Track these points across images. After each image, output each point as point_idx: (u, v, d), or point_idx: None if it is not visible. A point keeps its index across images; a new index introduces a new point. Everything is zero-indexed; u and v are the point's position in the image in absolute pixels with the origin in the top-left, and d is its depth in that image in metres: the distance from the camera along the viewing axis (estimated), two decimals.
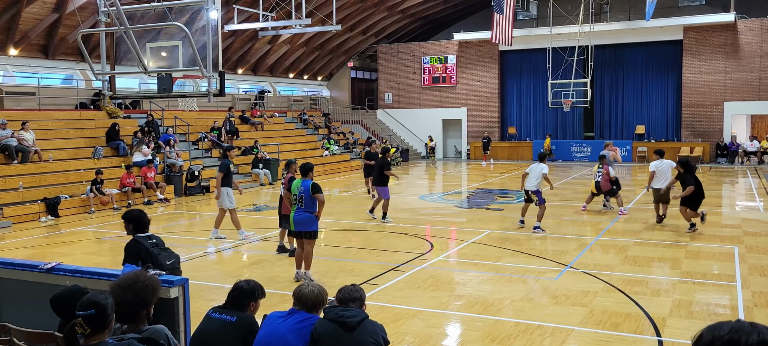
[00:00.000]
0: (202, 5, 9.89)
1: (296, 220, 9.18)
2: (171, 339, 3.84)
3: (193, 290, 5.71)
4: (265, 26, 24.84)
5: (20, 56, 21.91)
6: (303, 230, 9.21)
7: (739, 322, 1.80)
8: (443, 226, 14.42)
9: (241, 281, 4.68)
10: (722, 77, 30.69)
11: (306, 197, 9.12)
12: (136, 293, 3.71)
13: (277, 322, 4.43)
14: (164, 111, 23.88)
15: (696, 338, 1.85)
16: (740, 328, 1.77)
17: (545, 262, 10.56)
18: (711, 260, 10.59)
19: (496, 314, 7.82)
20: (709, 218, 14.30)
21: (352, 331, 4.18)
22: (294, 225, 9.23)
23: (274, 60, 33.11)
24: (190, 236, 13.98)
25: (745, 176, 25.02)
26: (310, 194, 9.11)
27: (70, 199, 16.92)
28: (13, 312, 5.10)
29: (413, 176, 27.51)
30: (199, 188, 20.76)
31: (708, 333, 1.81)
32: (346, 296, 4.47)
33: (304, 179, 9.27)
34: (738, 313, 7.90)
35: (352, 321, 4.22)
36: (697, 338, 1.84)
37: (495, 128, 35.51)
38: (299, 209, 9.14)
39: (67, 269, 5.03)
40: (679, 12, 32.67)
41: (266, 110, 31.28)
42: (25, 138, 17.84)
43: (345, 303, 4.43)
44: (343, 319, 4.23)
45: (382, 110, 38.02)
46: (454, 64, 36.05)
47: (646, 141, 32.36)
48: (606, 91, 33.78)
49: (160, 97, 11.68)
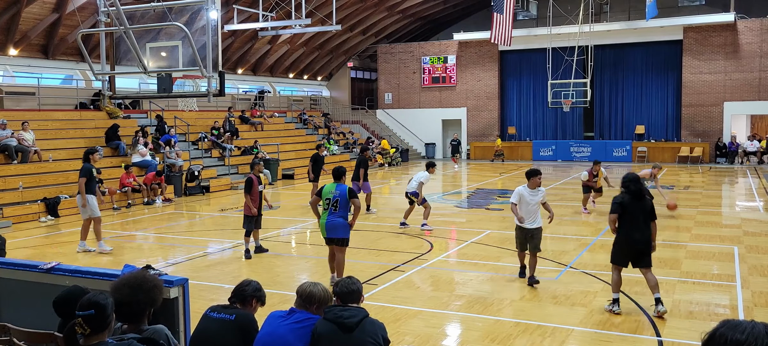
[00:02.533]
0: (202, 5, 9.89)
1: (329, 225, 8.76)
2: (171, 339, 3.84)
3: (193, 290, 5.72)
4: (265, 26, 24.84)
5: (20, 56, 21.91)
6: (335, 237, 8.84)
7: (754, 327, 1.77)
8: (443, 226, 14.41)
9: (246, 280, 4.72)
10: (722, 77, 30.70)
11: (341, 202, 8.75)
12: (146, 292, 3.71)
13: (278, 322, 4.43)
14: (164, 111, 23.88)
15: (712, 335, 1.81)
16: (758, 335, 1.74)
17: (545, 262, 10.56)
18: (711, 260, 10.59)
19: (496, 314, 7.82)
20: (708, 218, 14.33)
21: (351, 332, 4.18)
22: (326, 231, 8.79)
23: (274, 60, 33.11)
24: (190, 236, 13.98)
25: (745, 175, 25.02)
26: (346, 198, 8.77)
27: (70, 199, 16.91)
28: (13, 312, 5.10)
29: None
30: (199, 188, 20.76)
31: (728, 332, 1.78)
32: (343, 290, 4.43)
33: (338, 183, 8.89)
34: (738, 313, 7.89)
35: (350, 322, 4.20)
36: (713, 335, 1.81)
37: (495, 128, 35.52)
38: (332, 213, 8.74)
39: (67, 269, 5.03)
40: (679, 12, 32.67)
41: (266, 110, 31.28)
42: (25, 138, 17.83)
43: (344, 298, 4.42)
44: (342, 320, 4.21)
45: (381, 110, 38.02)
46: (454, 64, 36.05)
47: (646, 141, 32.37)
48: (606, 91, 33.78)
49: (160, 97, 11.69)
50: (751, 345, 1.74)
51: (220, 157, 24.07)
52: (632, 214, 7.49)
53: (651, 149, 31.75)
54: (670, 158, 31.03)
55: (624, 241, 7.58)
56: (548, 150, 33.91)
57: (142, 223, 15.57)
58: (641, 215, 7.50)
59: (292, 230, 14.44)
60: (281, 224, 14.87)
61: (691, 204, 17.10)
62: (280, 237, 13.54)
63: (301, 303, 4.48)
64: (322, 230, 8.88)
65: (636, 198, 7.50)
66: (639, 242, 7.50)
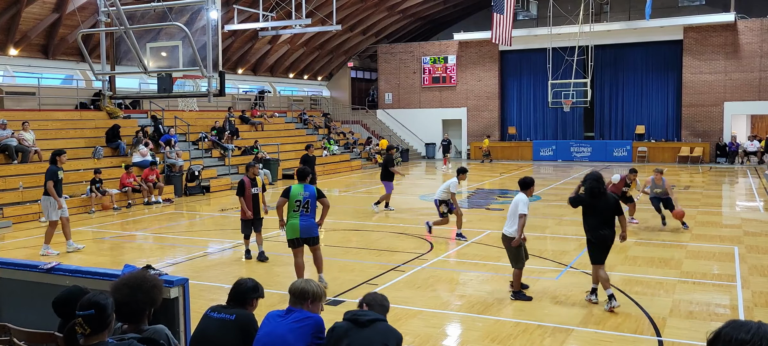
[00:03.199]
0: (202, 5, 9.89)
1: (304, 226, 8.80)
2: (171, 339, 3.84)
3: (193, 290, 5.71)
4: (265, 26, 24.85)
5: (20, 56, 21.91)
6: (310, 237, 8.90)
7: (760, 327, 1.77)
8: (443, 226, 14.39)
9: (242, 279, 4.73)
10: (722, 77, 30.70)
11: (312, 202, 8.81)
12: (146, 292, 3.71)
13: (276, 321, 4.45)
14: (164, 111, 23.88)
15: (718, 334, 1.81)
16: (763, 335, 1.74)
17: (545, 262, 10.56)
18: (711, 260, 10.59)
19: (496, 314, 7.82)
20: (708, 218, 14.28)
21: (363, 327, 4.30)
22: (301, 232, 8.81)
23: (274, 60, 33.11)
24: (190, 236, 13.98)
25: (745, 176, 25.02)
26: (316, 198, 8.84)
27: (70, 199, 16.90)
28: (13, 312, 5.10)
29: (413, 175, 27.50)
30: (199, 188, 20.76)
31: (733, 331, 1.78)
32: (372, 302, 4.72)
33: (306, 185, 8.93)
34: (738, 313, 7.89)
35: (363, 319, 4.35)
36: (718, 334, 1.80)
37: (495, 128, 35.52)
38: (304, 214, 8.80)
39: (67, 269, 5.03)
40: (679, 12, 32.68)
41: (266, 110, 31.28)
42: (25, 138, 17.83)
43: (372, 308, 4.65)
44: (356, 317, 4.39)
45: (382, 110, 38.02)
46: (454, 64, 36.05)
47: (646, 141, 32.37)
48: (606, 91, 33.78)
49: (160, 97, 11.69)
50: (755, 345, 1.73)
51: (220, 157, 24.07)
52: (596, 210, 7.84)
53: (651, 149, 31.74)
54: (671, 158, 31.02)
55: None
56: (548, 150, 33.90)
57: (142, 223, 15.57)
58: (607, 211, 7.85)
59: None
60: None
61: (691, 204, 17.10)
62: (280, 237, 13.52)
63: (296, 301, 4.53)
64: (295, 232, 8.81)
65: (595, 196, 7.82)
66: (608, 238, 7.90)
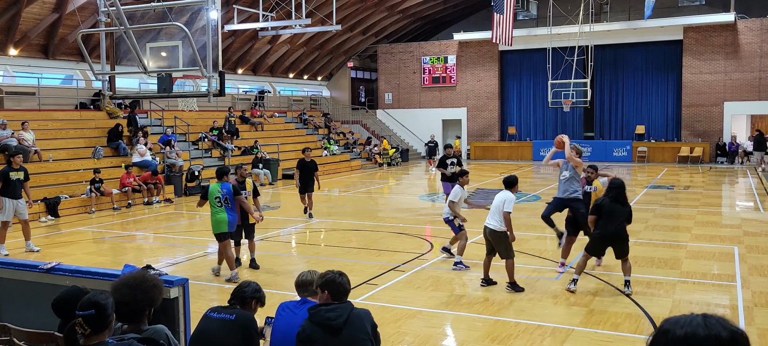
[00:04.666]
0: (202, 5, 9.88)
1: (231, 220, 9.55)
2: (171, 339, 3.84)
3: (193, 290, 5.72)
4: (265, 26, 24.84)
5: (20, 56, 21.91)
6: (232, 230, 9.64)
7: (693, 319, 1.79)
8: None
9: (245, 281, 4.80)
10: (722, 77, 30.70)
11: (230, 198, 9.55)
12: (145, 292, 3.71)
13: (293, 312, 4.57)
14: (164, 111, 23.88)
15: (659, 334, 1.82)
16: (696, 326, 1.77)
17: (545, 262, 10.57)
18: (711, 260, 10.59)
19: (496, 314, 7.82)
20: (709, 218, 14.24)
21: (339, 333, 4.08)
22: (228, 226, 9.50)
23: (274, 60, 33.11)
24: (191, 236, 13.97)
25: (745, 176, 25.02)
26: (232, 195, 9.59)
27: (70, 199, 16.92)
28: (13, 312, 5.10)
29: (413, 176, 27.51)
30: (199, 188, 20.74)
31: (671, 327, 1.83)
32: (328, 287, 4.32)
33: (223, 182, 9.61)
34: (738, 313, 7.89)
35: (337, 323, 4.09)
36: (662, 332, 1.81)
37: (495, 128, 35.52)
38: (228, 209, 9.51)
39: (67, 269, 5.03)
40: (679, 12, 32.67)
41: (266, 110, 31.27)
42: (25, 138, 17.83)
43: (332, 295, 4.29)
44: (329, 322, 4.11)
45: (382, 110, 38.01)
46: (454, 64, 36.05)
47: (646, 141, 32.37)
48: (606, 91, 33.78)
49: (160, 97, 11.68)
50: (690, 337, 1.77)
51: (220, 157, 24.07)
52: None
53: (651, 149, 31.75)
54: (671, 158, 31.03)
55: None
56: (548, 150, 33.81)
57: (142, 223, 15.57)
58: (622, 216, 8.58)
59: (292, 230, 14.44)
60: (281, 224, 14.87)
61: (691, 204, 17.10)
62: (280, 237, 13.54)
63: (304, 291, 4.69)
64: (222, 226, 9.48)
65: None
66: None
